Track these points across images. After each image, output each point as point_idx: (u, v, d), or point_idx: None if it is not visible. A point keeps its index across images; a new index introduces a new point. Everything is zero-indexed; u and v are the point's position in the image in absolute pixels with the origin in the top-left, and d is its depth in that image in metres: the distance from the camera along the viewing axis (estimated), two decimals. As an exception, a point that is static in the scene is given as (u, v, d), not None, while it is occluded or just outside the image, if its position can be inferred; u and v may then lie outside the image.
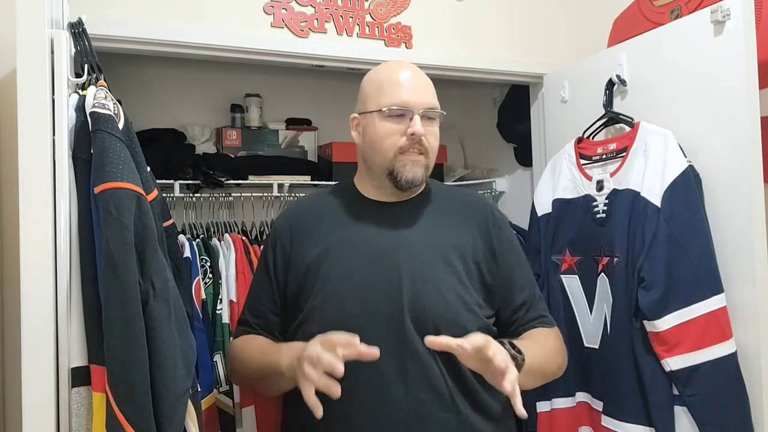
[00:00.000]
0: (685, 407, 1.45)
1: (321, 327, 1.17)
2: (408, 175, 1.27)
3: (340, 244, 1.30)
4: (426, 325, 1.22)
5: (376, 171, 1.31)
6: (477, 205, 1.43)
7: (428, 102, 1.28)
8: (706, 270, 1.43)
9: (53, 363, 1.10)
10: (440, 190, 1.43)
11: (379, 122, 1.27)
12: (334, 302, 1.25)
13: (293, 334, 1.29)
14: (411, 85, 1.28)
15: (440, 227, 1.33)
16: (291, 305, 1.32)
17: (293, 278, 1.31)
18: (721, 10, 1.47)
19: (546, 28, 2.22)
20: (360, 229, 1.32)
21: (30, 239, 1.10)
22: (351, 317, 1.22)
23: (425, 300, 1.24)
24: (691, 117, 1.56)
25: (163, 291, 1.10)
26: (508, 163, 2.67)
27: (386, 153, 1.27)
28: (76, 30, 1.27)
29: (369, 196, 1.36)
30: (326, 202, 1.40)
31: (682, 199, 1.46)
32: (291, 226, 1.37)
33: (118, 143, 1.11)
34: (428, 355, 1.21)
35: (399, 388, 1.20)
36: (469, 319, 1.25)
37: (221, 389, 1.81)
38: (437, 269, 1.27)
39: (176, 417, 1.09)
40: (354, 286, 1.25)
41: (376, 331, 1.20)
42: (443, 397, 1.22)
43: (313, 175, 2.46)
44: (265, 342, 1.32)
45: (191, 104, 2.52)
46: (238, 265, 1.93)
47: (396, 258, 1.26)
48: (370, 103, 1.29)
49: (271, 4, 1.85)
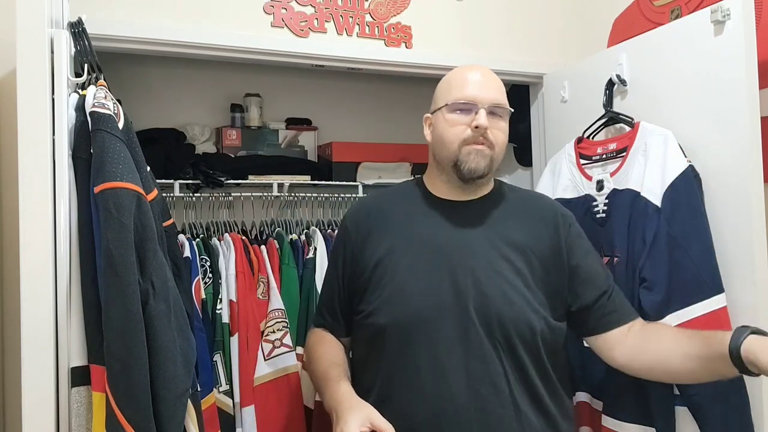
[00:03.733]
0: (685, 407, 1.45)
1: (389, 319, 1.27)
2: (471, 164, 1.29)
3: (408, 240, 1.33)
4: (491, 323, 1.24)
5: (443, 164, 1.34)
6: (544, 205, 1.45)
7: (494, 98, 1.31)
8: (707, 270, 1.43)
9: (53, 363, 1.10)
10: (508, 191, 1.45)
11: (447, 116, 1.31)
12: (401, 296, 1.28)
13: (361, 324, 1.34)
14: (478, 82, 1.32)
15: (507, 227, 1.34)
16: (359, 298, 1.35)
17: (361, 272, 1.34)
18: (721, 10, 1.47)
19: (546, 28, 2.22)
20: (427, 226, 1.34)
21: (30, 239, 1.11)
22: (418, 311, 1.26)
23: (490, 298, 1.25)
24: (691, 117, 1.56)
25: (162, 291, 1.10)
26: (508, 163, 2.66)
27: (451, 144, 1.30)
28: (75, 29, 1.27)
29: (437, 194, 1.38)
30: (395, 199, 1.44)
31: (682, 199, 1.46)
32: (360, 221, 1.40)
33: (117, 143, 1.11)
34: (492, 352, 1.23)
35: (460, 383, 1.22)
36: (533, 318, 1.26)
37: (221, 389, 1.81)
38: (502, 269, 1.28)
39: (176, 417, 1.09)
40: (421, 281, 1.28)
41: (441, 325, 1.24)
42: (503, 394, 1.23)
43: (313, 175, 2.45)
44: (324, 360, 1.35)
45: (191, 104, 2.52)
46: (238, 264, 1.93)
47: (462, 256, 1.29)
48: (440, 101, 1.34)
49: (271, 4, 1.85)
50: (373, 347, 1.31)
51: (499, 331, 1.24)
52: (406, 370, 1.25)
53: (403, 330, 1.26)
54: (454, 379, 1.22)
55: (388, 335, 1.27)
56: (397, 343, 1.26)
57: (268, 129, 2.55)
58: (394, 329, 1.26)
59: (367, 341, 1.33)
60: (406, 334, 1.25)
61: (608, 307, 1.33)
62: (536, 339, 1.26)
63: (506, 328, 1.24)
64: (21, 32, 1.13)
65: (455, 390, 1.22)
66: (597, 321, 1.33)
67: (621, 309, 1.34)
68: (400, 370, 1.26)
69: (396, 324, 1.26)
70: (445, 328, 1.24)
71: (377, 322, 1.28)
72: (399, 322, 1.26)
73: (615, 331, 1.32)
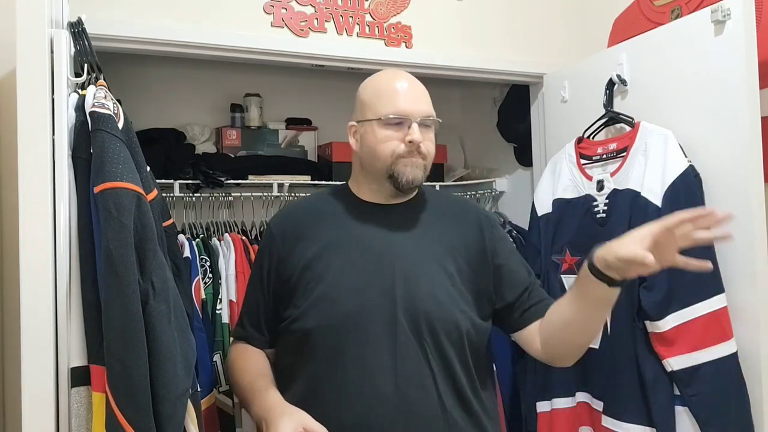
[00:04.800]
0: (686, 407, 1.45)
1: (316, 322, 1.26)
2: (409, 176, 1.30)
3: (335, 244, 1.33)
4: (419, 324, 1.25)
5: (375, 175, 1.34)
6: (467, 207, 1.49)
7: (425, 111, 1.32)
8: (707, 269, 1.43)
9: (53, 363, 1.10)
10: (432, 194, 1.47)
11: (378, 130, 1.31)
12: (329, 299, 1.28)
13: (287, 329, 1.32)
14: (409, 95, 1.32)
15: (433, 229, 1.37)
16: (285, 303, 1.33)
17: (288, 278, 1.33)
18: (721, 9, 1.47)
19: (546, 28, 2.22)
20: (355, 229, 1.35)
21: (30, 239, 1.10)
22: (345, 313, 1.25)
23: (418, 299, 1.26)
24: (691, 117, 1.56)
25: (162, 291, 1.10)
26: (508, 163, 2.66)
27: (386, 159, 1.30)
28: (75, 29, 1.27)
29: (364, 198, 1.39)
30: (321, 204, 1.44)
31: (682, 198, 1.46)
32: (285, 226, 1.40)
33: (117, 143, 1.11)
34: (420, 354, 1.24)
35: (388, 384, 1.22)
36: (460, 318, 1.28)
37: (221, 389, 1.81)
38: (430, 270, 1.30)
39: (176, 417, 1.09)
40: (349, 283, 1.28)
41: (369, 327, 1.24)
42: (431, 396, 1.24)
43: (313, 175, 2.46)
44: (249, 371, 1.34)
45: (191, 104, 2.52)
46: (238, 265, 1.93)
47: (390, 258, 1.29)
48: (368, 112, 1.33)
49: (271, 4, 1.85)
50: (300, 353, 1.29)
51: (427, 331, 1.25)
52: (334, 373, 1.24)
53: (330, 332, 1.25)
54: (382, 380, 1.22)
55: (316, 338, 1.26)
56: (324, 347, 1.25)
57: (268, 129, 2.55)
58: (322, 332, 1.25)
59: (293, 347, 1.31)
60: (334, 336, 1.25)
61: (528, 303, 1.36)
62: (462, 338, 1.27)
63: (434, 327, 1.25)
64: (21, 32, 1.13)
65: (384, 392, 1.22)
66: (519, 317, 1.36)
67: (539, 303, 1.37)
68: (328, 374, 1.25)
69: (324, 327, 1.25)
70: (373, 329, 1.24)
71: (304, 326, 1.27)
72: (327, 324, 1.25)
73: (533, 325, 1.35)
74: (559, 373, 1.67)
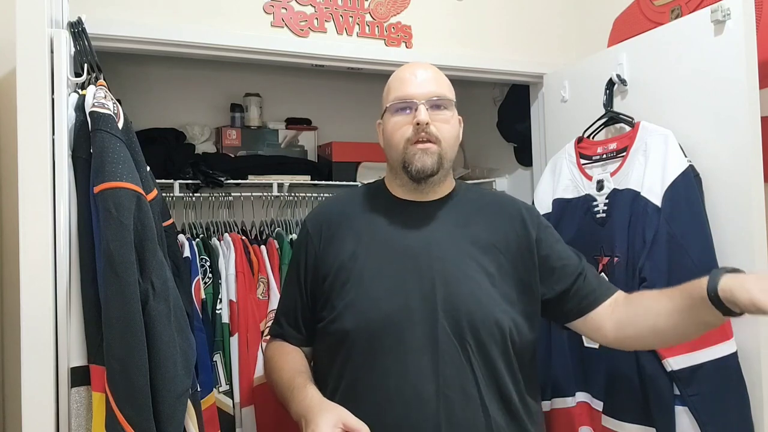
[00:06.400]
0: (685, 407, 1.44)
1: (354, 324, 1.23)
2: (417, 164, 1.26)
3: (372, 243, 1.30)
4: (461, 325, 1.22)
5: (396, 168, 1.32)
6: (507, 202, 1.43)
7: (432, 91, 1.29)
8: (707, 269, 1.41)
9: (53, 363, 1.10)
10: (469, 190, 1.43)
11: (389, 119, 1.31)
12: (368, 300, 1.25)
13: (325, 330, 1.29)
14: (414, 78, 1.30)
15: (471, 226, 1.33)
16: (322, 303, 1.32)
17: (324, 277, 1.31)
18: (721, 9, 1.46)
19: (546, 27, 2.22)
20: (391, 227, 1.32)
21: (30, 239, 1.10)
22: (385, 315, 1.22)
23: (459, 300, 1.23)
24: (691, 117, 1.56)
25: (162, 291, 1.10)
26: (508, 162, 2.67)
27: (398, 146, 1.29)
28: (75, 29, 1.27)
29: (398, 196, 1.36)
30: (357, 201, 1.41)
31: (682, 198, 1.46)
32: (321, 224, 1.37)
33: (117, 143, 1.11)
34: (461, 356, 1.21)
35: (429, 387, 1.20)
36: (501, 317, 1.24)
37: (221, 389, 1.81)
38: (469, 269, 1.27)
39: (176, 417, 1.09)
40: (387, 284, 1.25)
41: (409, 330, 1.21)
42: (473, 399, 1.21)
43: (312, 175, 2.46)
44: (288, 369, 1.32)
45: (191, 104, 2.52)
46: (238, 264, 1.93)
47: (428, 257, 1.26)
48: (383, 105, 1.34)
49: (271, 4, 1.85)
50: (338, 354, 1.26)
51: (469, 332, 1.21)
52: (373, 376, 1.21)
53: (369, 335, 1.22)
54: (423, 383, 1.20)
55: (354, 340, 1.23)
56: (363, 349, 1.23)
57: (268, 129, 2.55)
58: (360, 334, 1.22)
59: (331, 349, 1.28)
60: (373, 338, 1.22)
61: (586, 288, 1.31)
62: (505, 338, 1.23)
63: (476, 328, 1.21)
64: (21, 32, 1.13)
65: (425, 396, 1.19)
66: (579, 303, 1.31)
67: (599, 287, 1.32)
68: (367, 376, 1.22)
69: (362, 329, 1.22)
70: (413, 331, 1.21)
71: (342, 327, 1.24)
72: (365, 326, 1.22)
73: (599, 309, 1.30)
74: (559, 373, 1.67)
